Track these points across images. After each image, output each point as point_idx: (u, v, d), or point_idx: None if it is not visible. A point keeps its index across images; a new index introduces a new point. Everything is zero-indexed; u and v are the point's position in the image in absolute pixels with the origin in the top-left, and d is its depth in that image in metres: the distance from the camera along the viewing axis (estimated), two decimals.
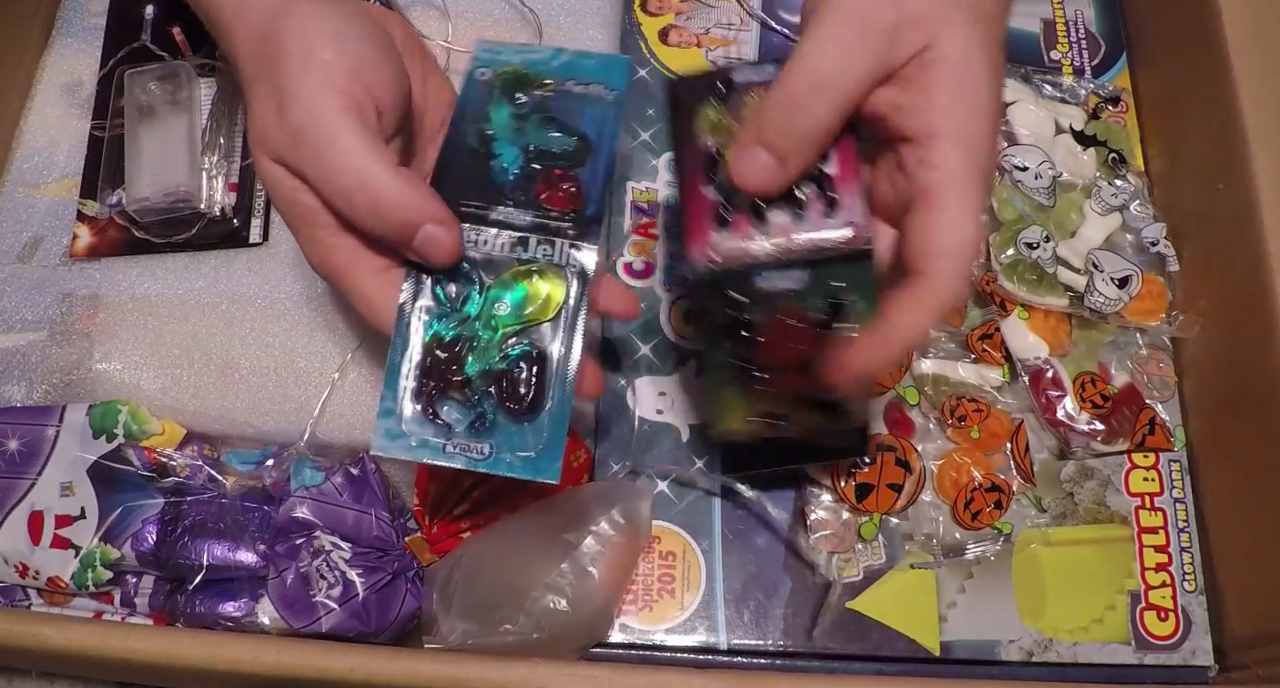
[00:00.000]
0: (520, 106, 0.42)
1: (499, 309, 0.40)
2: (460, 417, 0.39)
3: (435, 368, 0.39)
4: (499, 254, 0.40)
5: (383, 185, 0.37)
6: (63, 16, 0.61)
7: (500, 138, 0.42)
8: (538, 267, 0.40)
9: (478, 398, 0.39)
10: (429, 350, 0.39)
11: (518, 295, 0.40)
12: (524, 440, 0.39)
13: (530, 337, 0.40)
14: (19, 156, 0.57)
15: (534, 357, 0.40)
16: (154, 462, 0.49)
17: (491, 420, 0.39)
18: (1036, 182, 0.56)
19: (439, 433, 0.39)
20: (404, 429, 0.39)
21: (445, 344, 0.39)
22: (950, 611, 0.50)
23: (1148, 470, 0.54)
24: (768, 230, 0.38)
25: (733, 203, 0.39)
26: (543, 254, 0.40)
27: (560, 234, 0.40)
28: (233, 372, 0.51)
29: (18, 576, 0.49)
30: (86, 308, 0.53)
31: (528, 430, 0.39)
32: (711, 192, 0.39)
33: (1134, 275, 0.54)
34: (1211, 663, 0.51)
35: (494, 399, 0.39)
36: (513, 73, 0.43)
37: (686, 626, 0.50)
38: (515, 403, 0.39)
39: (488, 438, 0.39)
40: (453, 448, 0.39)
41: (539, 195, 0.41)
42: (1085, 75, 0.62)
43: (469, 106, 0.42)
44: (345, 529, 0.48)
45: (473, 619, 0.45)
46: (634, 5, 0.61)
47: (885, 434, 0.51)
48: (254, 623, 0.48)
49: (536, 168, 0.41)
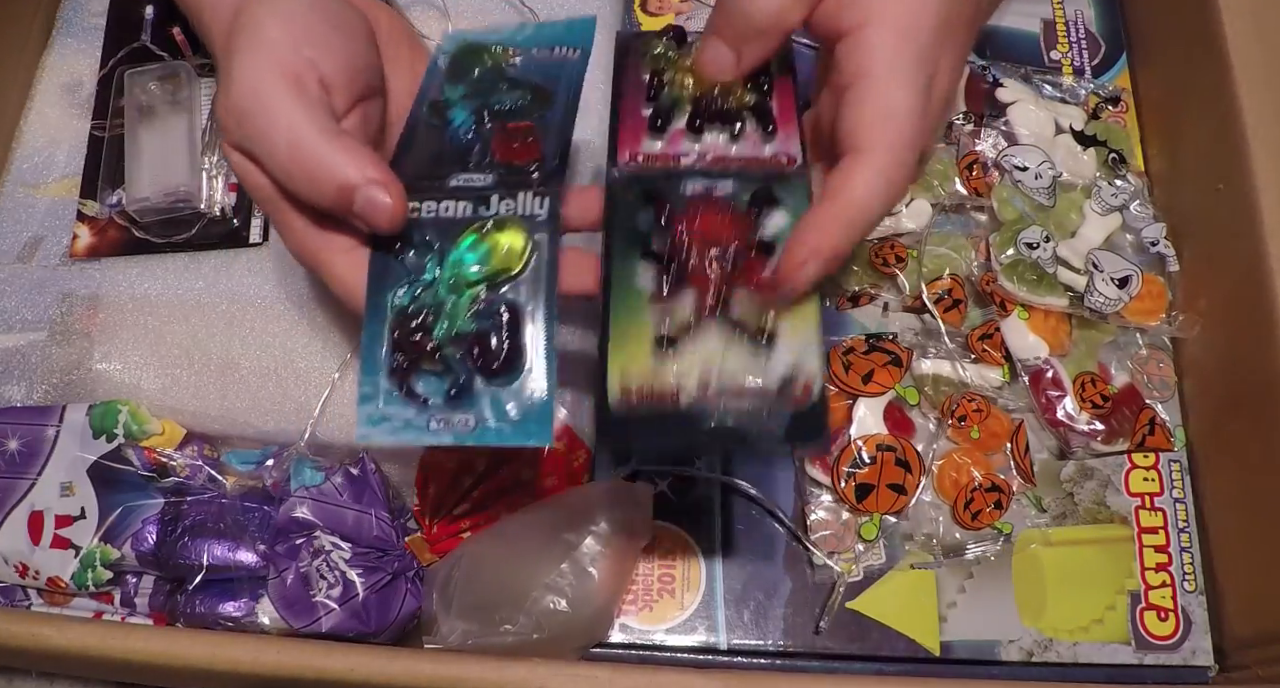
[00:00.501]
0: (478, 72, 0.41)
1: (461, 270, 0.37)
2: (436, 387, 0.36)
3: (404, 341, 0.37)
4: (460, 216, 0.38)
5: (314, 149, 0.35)
6: (63, 16, 0.61)
7: (454, 104, 0.40)
8: (494, 219, 0.38)
9: (451, 365, 0.36)
10: (396, 324, 0.37)
11: (478, 252, 0.37)
12: (508, 405, 0.36)
13: (499, 292, 0.37)
14: (19, 156, 0.58)
15: (504, 311, 0.36)
16: (154, 462, 0.49)
17: (469, 387, 0.36)
18: (1036, 182, 0.56)
19: (419, 410, 0.36)
20: (384, 412, 0.36)
21: (409, 314, 0.37)
22: (950, 611, 0.50)
23: (1148, 471, 0.54)
24: (701, 145, 0.37)
25: (670, 116, 0.38)
26: (506, 209, 0.38)
27: (522, 186, 0.38)
28: (233, 372, 0.51)
29: (18, 576, 0.49)
30: (86, 308, 0.53)
31: (511, 394, 0.36)
32: (648, 109, 0.38)
33: (1134, 275, 0.54)
34: (1211, 663, 0.51)
35: (469, 363, 0.36)
36: (465, 46, 0.42)
37: (686, 626, 0.50)
38: (492, 362, 0.36)
39: (469, 408, 0.36)
40: (436, 424, 0.36)
41: (496, 154, 0.39)
42: (1085, 75, 0.62)
43: (429, 90, 0.41)
44: (345, 529, 0.48)
45: (473, 619, 0.45)
46: (634, 5, 0.61)
47: (885, 434, 0.51)
48: (254, 623, 0.48)
49: (490, 126, 0.40)
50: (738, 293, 0.34)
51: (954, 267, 0.55)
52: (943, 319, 0.53)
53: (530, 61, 0.41)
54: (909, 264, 0.55)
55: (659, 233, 0.35)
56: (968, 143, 0.58)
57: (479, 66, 0.41)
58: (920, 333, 0.54)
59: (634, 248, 0.35)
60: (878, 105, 0.34)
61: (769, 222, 0.36)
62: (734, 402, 0.33)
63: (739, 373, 0.33)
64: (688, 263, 0.35)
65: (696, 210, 0.35)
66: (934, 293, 0.54)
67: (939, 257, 0.55)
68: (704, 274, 0.34)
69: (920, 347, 0.53)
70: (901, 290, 0.55)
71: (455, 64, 0.42)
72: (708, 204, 0.35)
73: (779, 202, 0.36)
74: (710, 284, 0.34)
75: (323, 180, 0.36)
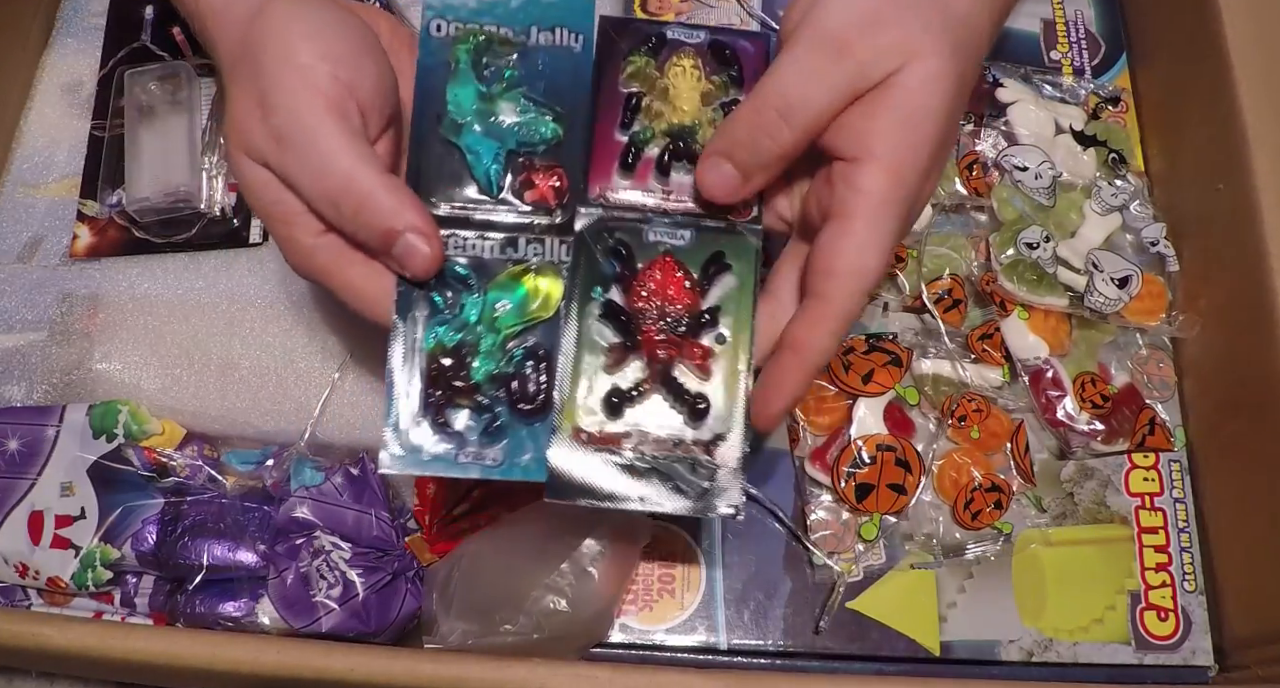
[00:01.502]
0: (486, 81, 0.41)
1: (500, 310, 0.39)
2: (473, 423, 0.38)
3: (441, 376, 0.38)
4: (490, 257, 0.39)
5: (367, 190, 0.36)
6: (63, 16, 0.61)
7: (471, 125, 0.40)
8: (535, 266, 0.39)
9: (489, 402, 0.38)
10: (433, 359, 0.38)
11: (519, 296, 0.39)
12: (535, 441, 0.38)
13: (533, 336, 0.39)
14: (19, 156, 0.57)
15: (540, 356, 0.39)
16: (154, 462, 0.49)
17: (504, 424, 0.38)
18: (1036, 182, 0.56)
19: (450, 443, 0.38)
20: (414, 442, 0.38)
21: (449, 351, 0.38)
22: (950, 611, 0.50)
23: (1148, 471, 0.54)
24: (668, 186, 0.40)
25: (640, 152, 0.40)
26: (534, 253, 0.40)
27: (549, 231, 0.40)
28: (233, 372, 0.51)
29: (18, 576, 0.49)
30: (86, 308, 0.53)
31: (539, 430, 0.38)
32: (622, 136, 0.40)
33: (1134, 275, 0.54)
34: (1211, 663, 0.51)
35: (505, 402, 0.38)
36: (472, 36, 0.41)
37: (686, 626, 0.50)
38: (527, 403, 0.38)
39: (499, 443, 0.38)
40: (465, 457, 0.38)
41: (523, 192, 0.40)
42: (1085, 75, 0.62)
43: (430, 78, 0.40)
44: (345, 529, 0.48)
45: (473, 619, 0.45)
46: (634, 5, 0.61)
47: (885, 434, 0.51)
48: (254, 623, 0.48)
49: (519, 160, 0.40)
50: (679, 365, 0.39)
51: (954, 267, 0.55)
52: (943, 319, 0.53)
53: (536, 60, 0.41)
54: (909, 264, 0.55)
55: (619, 286, 0.39)
56: (968, 143, 0.58)
57: (483, 65, 0.41)
58: (920, 333, 0.54)
59: (595, 303, 0.39)
60: (848, 261, 0.36)
61: (716, 288, 0.40)
62: (666, 452, 0.38)
63: (675, 431, 0.39)
64: (639, 329, 0.39)
65: (653, 271, 0.39)
66: (934, 293, 0.54)
67: (939, 256, 0.55)
68: (653, 341, 0.39)
69: (920, 347, 0.53)
70: (901, 290, 0.55)
71: (459, 58, 0.41)
72: (664, 267, 0.39)
73: (729, 267, 0.40)
74: (657, 356, 0.39)
75: (370, 221, 0.37)
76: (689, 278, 0.39)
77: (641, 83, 0.41)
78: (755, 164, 0.38)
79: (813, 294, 0.37)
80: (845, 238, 0.36)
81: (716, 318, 0.39)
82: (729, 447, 0.38)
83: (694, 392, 0.39)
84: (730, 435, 0.39)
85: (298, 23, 0.38)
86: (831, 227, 0.37)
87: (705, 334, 0.39)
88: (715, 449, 0.38)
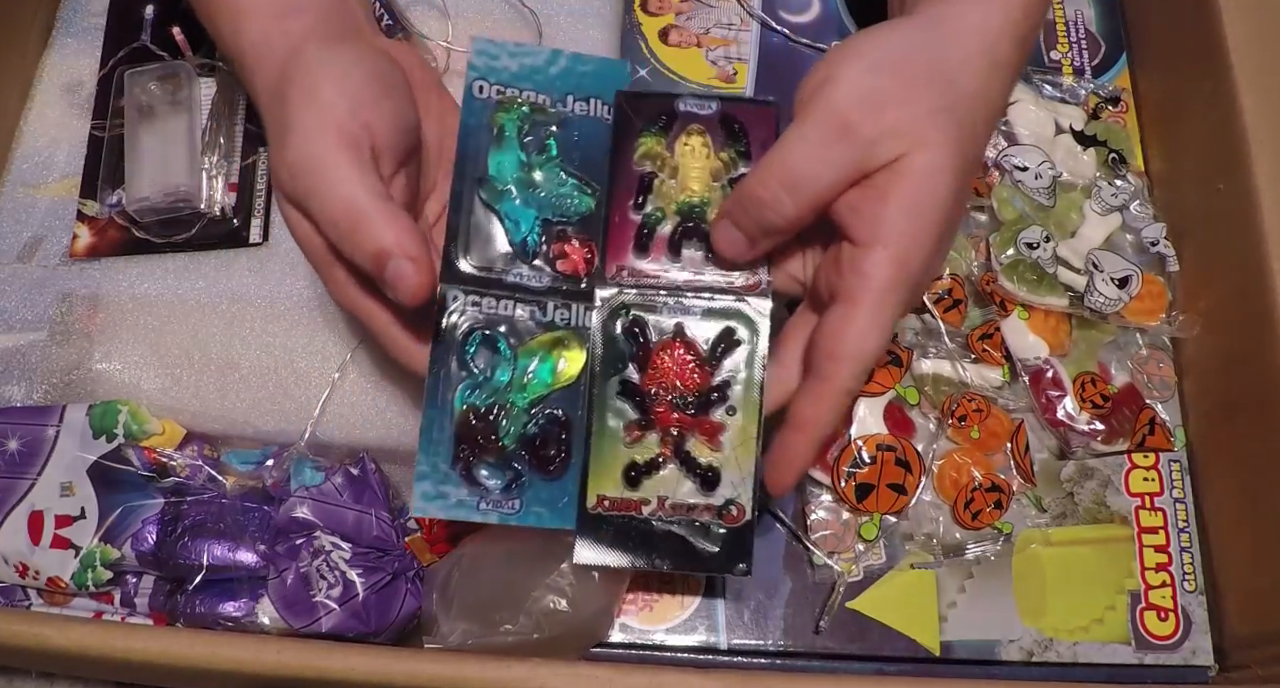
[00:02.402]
0: (528, 150, 0.43)
1: (528, 377, 0.41)
2: (498, 481, 0.41)
3: (470, 435, 0.40)
4: (522, 322, 0.41)
5: (363, 212, 0.37)
6: (63, 16, 0.61)
7: (511, 193, 0.42)
8: (563, 336, 0.42)
9: (513, 462, 0.41)
10: (464, 419, 0.40)
11: (547, 366, 0.41)
12: (551, 494, 0.41)
13: (556, 402, 0.41)
14: (19, 156, 0.57)
15: (563, 422, 0.41)
16: (154, 462, 0.49)
17: (525, 482, 0.41)
18: (1036, 182, 0.56)
19: (475, 493, 0.40)
20: (441, 491, 0.40)
21: (481, 414, 0.40)
22: (950, 611, 0.50)
23: (1148, 470, 0.54)
24: (680, 262, 0.43)
25: (654, 231, 0.43)
26: (560, 318, 0.42)
27: (577, 297, 0.42)
28: (233, 372, 0.51)
29: (18, 576, 0.49)
30: (86, 308, 0.53)
31: (555, 486, 0.41)
32: (636, 216, 0.43)
33: (1134, 275, 0.54)
34: (1211, 663, 0.51)
35: (527, 462, 0.41)
36: (515, 106, 0.43)
37: (687, 625, 0.50)
38: (549, 465, 0.41)
39: (519, 495, 0.41)
40: (487, 505, 0.40)
41: (554, 258, 0.42)
42: (1085, 75, 0.62)
43: (471, 139, 0.42)
44: (345, 529, 0.48)
45: (473, 619, 0.45)
46: (634, 5, 0.61)
47: (885, 434, 0.51)
48: (254, 623, 0.48)
49: (554, 229, 0.42)
50: (691, 439, 0.42)
51: (954, 267, 0.55)
52: (943, 319, 0.53)
53: (574, 132, 0.43)
54: None
55: (635, 364, 0.42)
56: None
57: (525, 132, 0.43)
58: (920, 333, 0.54)
59: (614, 380, 0.42)
60: (849, 346, 0.38)
61: (726, 362, 0.42)
62: (683, 516, 0.41)
63: (688, 496, 0.42)
64: (654, 407, 0.42)
65: (664, 354, 0.42)
66: (934, 293, 0.54)
67: None
68: (667, 419, 0.42)
69: (920, 346, 0.53)
70: None
71: (501, 128, 0.43)
72: (674, 351, 0.42)
73: (738, 344, 0.42)
74: (670, 431, 0.42)
75: (361, 243, 0.37)
76: (698, 358, 0.42)
77: (653, 162, 0.43)
78: (760, 232, 0.40)
79: (817, 374, 0.39)
80: (849, 324, 0.38)
81: (726, 393, 0.42)
82: (739, 511, 0.41)
83: (705, 464, 0.42)
84: (740, 500, 0.42)
85: (327, 65, 0.40)
86: (837, 310, 0.38)
87: (715, 409, 0.42)
88: (727, 514, 0.41)
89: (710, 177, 0.43)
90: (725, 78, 0.60)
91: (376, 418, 0.51)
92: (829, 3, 0.62)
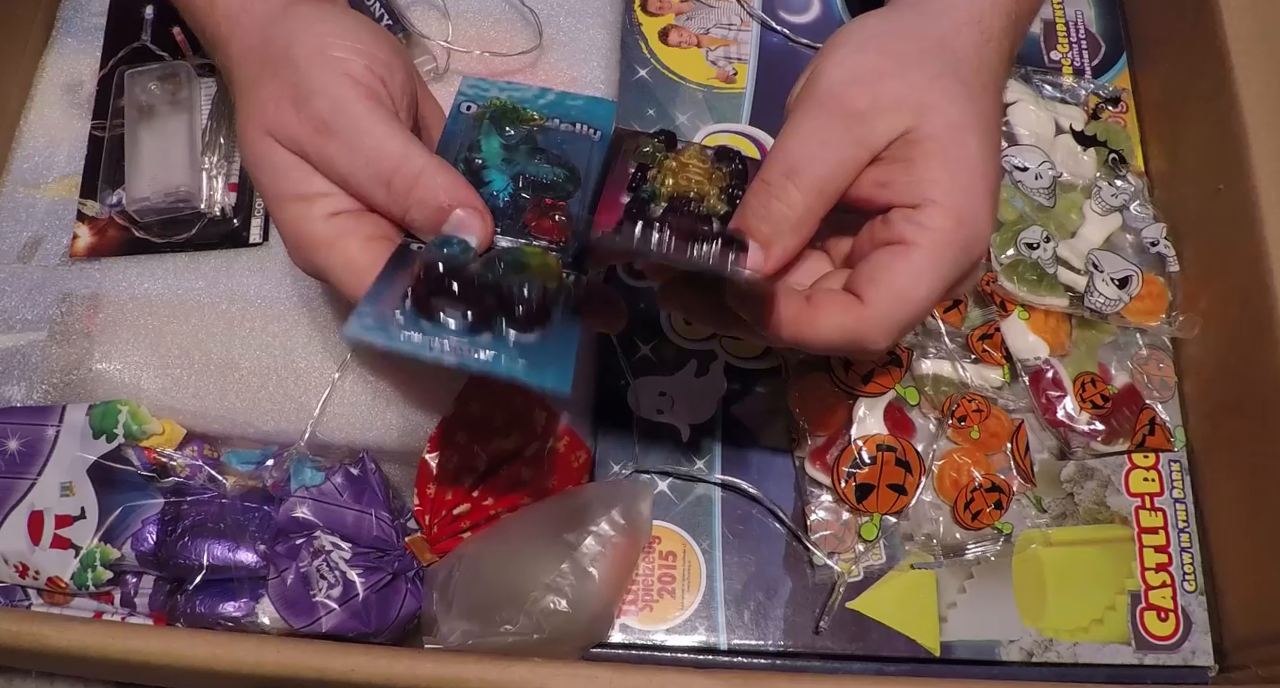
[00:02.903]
0: (509, 138, 0.43)
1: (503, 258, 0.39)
2: (458, 318, 0.35)
3: (431, 277, 0.35)
4: None
5: (420, 168, 0.37)
6: (63, 16, 0.61)
7: (491, 166, 0.42)
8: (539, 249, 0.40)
9: (479, 298, 0.36)
10: (430, 265, 0.36)
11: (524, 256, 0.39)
12: (526, 348, 0.35)
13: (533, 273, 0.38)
14: (19, 156, 0.57)
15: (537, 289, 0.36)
16: (154, 462, 0.49)
17: (492, 325, 0.36)
18: (1036, 182, 0.56)
19: (432, 329, 0.35)
20: (383, 319, 0.35)
21: (448, 261, 0.36)
22: (950, 611, 0.50)
23: (1148, 471, 0.54)
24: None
25: (644, 210, 0.40)
26: None
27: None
28: (233, 372, 0.51)
29: (18, 576, 0.49)
30: (86, 308, 0.53)
31: (534, 341, 0.36)
32: (626, 196, 0.41)
33: (1134, 275, 0.54)
34: (1211, 663, 0.51)
35: (496, 304, 0.36)
36: (500, 106, 0.44)
37: (687, 626, 0.50)
38: (516, 312, 0.36)
39: (487, 346, 0.35)
40: (442, 345, 0.34)
41: (528, 223, 0.41)
42: (1085, 75, 0.62)
43: (456, 138, 0.42)
44: (345, 529, 0.48)
45: (473, 619, 0.45)
46: (634, 5, 0.61)
47: (885, 435, 0.51)
48: (254, 623, 0.48)
49: (526, 196, 0.41)
50: None
51: None
52: (943, 319, 0.53)
53: (556, 134, 0.43)
54: None
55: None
56: None
57: (512, 128, 0.43)
58: (920, 333, 0.54)
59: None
60: (901, 282, 0.35)
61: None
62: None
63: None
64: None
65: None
66: None
67: None
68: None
69: (920, 347, 0.53)
70: None
71: (486, 118, 0.43)
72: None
73: None
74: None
75: (424, 197, 0.37)
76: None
77: (644, 158, 0.42)
78: (772, 232, 0.37)
79: (854, 295, 0.36)
80: (904, 261, 0.35)
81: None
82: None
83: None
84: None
85: (325, 23, 0.40)
86: (890, 249, 0.36)
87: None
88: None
89: (709, 178, 0.43)
90: (725, 78, 0.60)
91: (376, 418, 0.51)
92: (829, 3, 0.62)
